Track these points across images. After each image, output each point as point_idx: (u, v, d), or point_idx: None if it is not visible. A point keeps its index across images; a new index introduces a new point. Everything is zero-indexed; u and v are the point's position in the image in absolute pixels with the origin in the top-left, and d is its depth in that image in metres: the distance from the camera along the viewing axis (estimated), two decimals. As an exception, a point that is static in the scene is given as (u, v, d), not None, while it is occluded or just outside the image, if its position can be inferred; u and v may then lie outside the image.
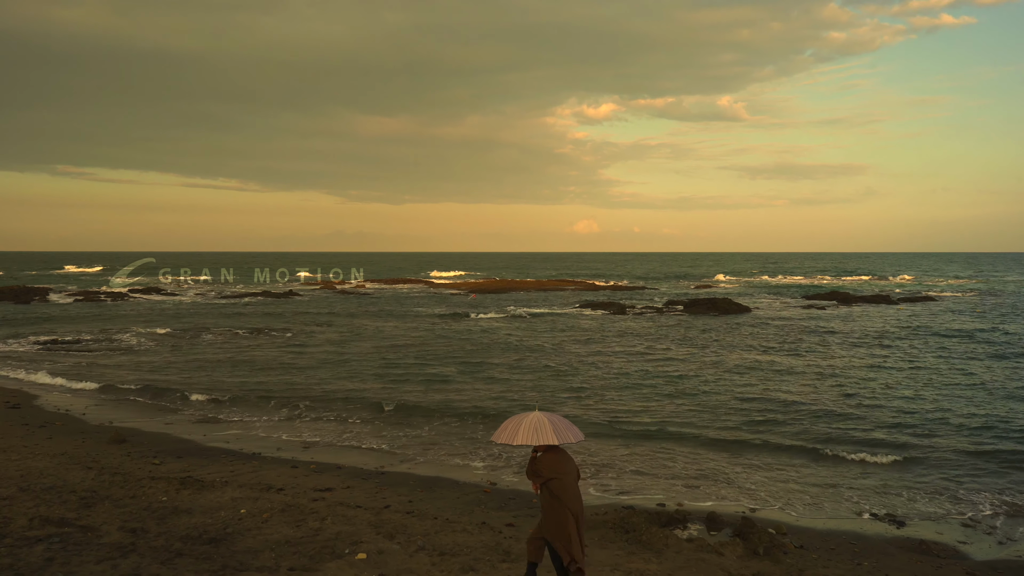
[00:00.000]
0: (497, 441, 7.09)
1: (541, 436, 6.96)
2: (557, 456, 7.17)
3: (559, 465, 7.09)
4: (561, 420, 7.27)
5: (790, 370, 25.91)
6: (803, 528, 11.45)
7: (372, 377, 24.68)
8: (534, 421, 7.05)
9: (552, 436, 6.98)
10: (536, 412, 7.19)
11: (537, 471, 7.14)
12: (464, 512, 11.37)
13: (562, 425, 7.15)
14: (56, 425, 16.87)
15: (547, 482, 7.09)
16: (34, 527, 9.22)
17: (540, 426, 6.98)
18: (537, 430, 6.97)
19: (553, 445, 7.10)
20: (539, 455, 7.20)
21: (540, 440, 6.93)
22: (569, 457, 7.34)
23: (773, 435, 17.16)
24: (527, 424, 7.03)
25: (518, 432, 7.05)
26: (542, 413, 7.20)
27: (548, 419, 7.10)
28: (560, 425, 7.14)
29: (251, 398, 21.12)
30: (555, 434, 7.01)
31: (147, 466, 13.35)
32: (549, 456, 7.14)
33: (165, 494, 11.17)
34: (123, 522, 9.58)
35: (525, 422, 7.06)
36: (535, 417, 7.09)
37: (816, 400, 20.76)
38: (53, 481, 11.61)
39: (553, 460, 7.13)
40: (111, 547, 8.64)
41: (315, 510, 10.69)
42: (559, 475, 7.04)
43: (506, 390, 22.38)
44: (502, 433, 7.15)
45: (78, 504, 10.36)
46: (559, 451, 7.23)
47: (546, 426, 6.99)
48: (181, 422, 18.23)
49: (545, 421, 7.05)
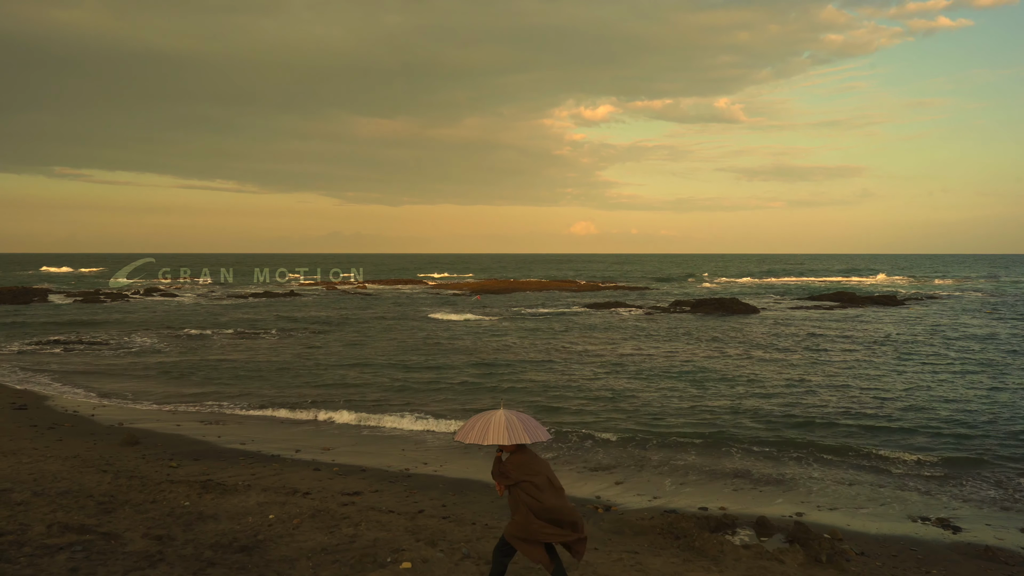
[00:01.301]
0: (465, 441, 6.62)
1: (514, 435, 6.54)
2: (526, 456, 6.70)
3: (529, 466, 6.66)
4: (528, 418, 6.83)
5: (819, 371, 25.40)
6: (857, 533, 10.93)
7: (387, 378, 24.13)
8: (503, 420, 6.62)
9: (524, 435, 6.55)
10: (502, 410, 6.76)
11: (505, 472, 6.70)
12: (502, 517, 10.81)
13: (531, 424, 6.74)
14: (65, 427, 16.28)
15: (517, 484, 6.65)
16: (53, 534, 8.65)
17: (511, 425, 6.58)
18: (509, 429, 6.56)
19: (521, 444, 6.68)
20: (505, 455, 6.78)
21: (514, 439, 6.51)
22: (539, 457, 6.89)
23: (811, 437, 16.62)
24: (496, 423, 6.60)
25: (488, 431, 6.56)
26: (508, 411, 6.77)
27: (517, 417, 6.70)
28: (529, 424, 6.72)
29: (263, 398, 20.56)
30: (526, 433, 6.59)
31: (164, 469, 12.79)
32: (518, 457, 6.70)
33: (187, 498, 10.60)
34: (147, 529, 9.02)
35: (494, 421, 6.62)
36: (502, 415, 6.67)
37: (851, 402, 20.24)
38: (68, 485, 11.04)
39: (522, 461, 6.68)
40: (138, 556, 8.08)
41: (346, 515, 10.14)
42: (530, 476, 6.61)
43: (525, 390, 21.85)
44: (469, 432, 6.67)
45: (97, 510, 9.80)
46: (527, 451, 6.79)
47: (516, 425, 6.59)
48: (191, 422, 17.66)
49: (515, 419, 6.65)
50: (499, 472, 6.76)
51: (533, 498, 6.59)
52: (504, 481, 6.70)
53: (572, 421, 17.98)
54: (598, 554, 9.11)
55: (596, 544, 9.77)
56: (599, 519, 11.16)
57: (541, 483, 6.63)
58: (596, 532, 10.48)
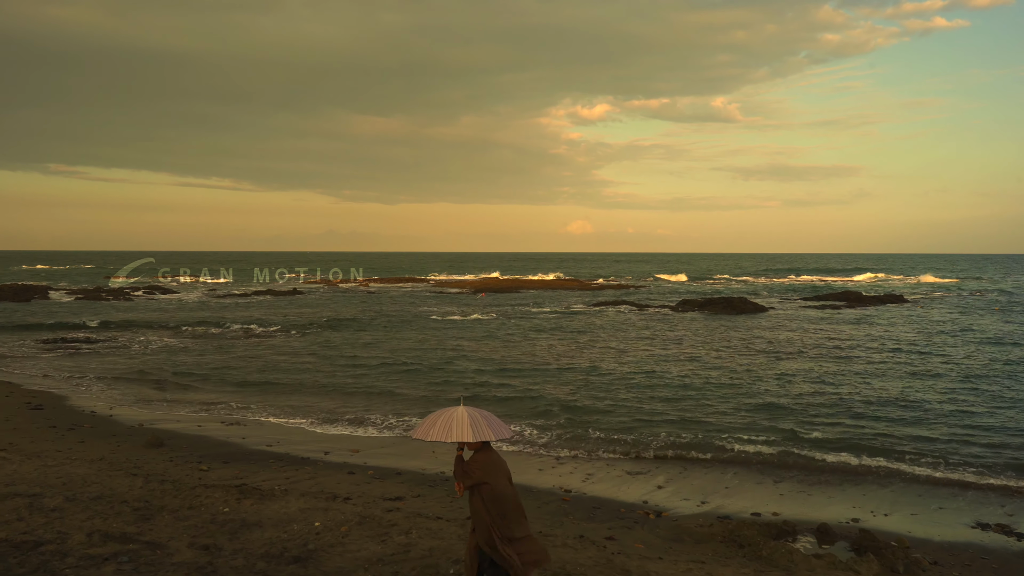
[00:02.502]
0: (426, 439, 6.25)
1: (478, 432, 6.20)
2: (488, 456, 6.36)
3: (492, 466, 6.31)
4: (491, 416, 6.51)
5: (848, 371, 25.01)
6: (921, 540, 10.53)
7: (401, 377, 23.70)
8: (465, 417, 6.28)
9: (488, 432, 6.24)
10: (462, 407, 6.41)
11: (467, 472, 6.32)
12: (554, 524, 10.41)
13: (494, 421, 6.43)
14: (85, 427, 15.82)
15: (477, 485, 6.29)
16: (95, 543, 8.21)
17: (475, 422, 6.25)
18: (473, 426, 6.22)
19: (484, 443, 6.37)
20: (468, 454, 6.47)
21: (478, 436, 6.18)
22: (500, 456, 6.53)
23: (850, 439, 16.22)
24: (459, 419, 6.26)
25: (451, 428, 6.20)
26: (468, 408, 6.43)
27: (480, 414, 6.37)
28: (492, 421, 6.42)
29: (282, 398, 20.12)
30: (490, 430, 6.27)
31: (195, 472, 12.33)
32: (481, 456, 6.36)
33: (226, 504, 10.15)
34: (192, 537, 8.57)
35: (456, 418, 6.28)
36: (464, 412, 6.33)
37: (885, 403, 19.83)
38: (99, 490, 10.59)
39: (485, 460, 6.33)
40: (187, 567, 7.64)
41: (394, 522, 9.71)
42: (490, 478, 6.27)
43: (547, 394, 21.44)
44: (429, 429, 6.29)
45: (135, 516, 9.35)
46: (490, 450, 6.43)
47: (480, 422, 6.27)
48: (213, 423, 17.21)
49: (478, 416, 6.32)
50: (461, 472, 6.38)
51: (495, 500, 6.26)
52: (466, 481, 6.34)
53: (605, 423, 17.56)
54: (663, 563, 8.70)
55: (659, 552, 9.37)
56: (653, 525, 10.75)
57: (502, 485, 6.32)
58: (653, 539, 10.08)
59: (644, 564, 8.49)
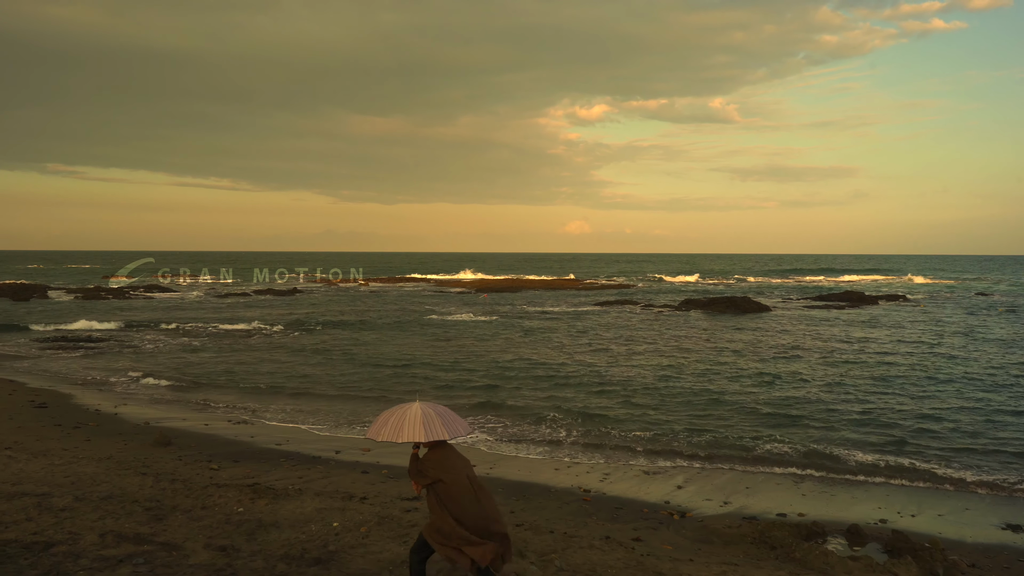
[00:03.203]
0: (377, 439, 6.03)
1: (431, 431, 5.93)
2: (444, 453, 6.11)
3: (447, 463, 6.05)
4: (447, 412, 6.26)
5: (861, 371, 24.76)
6: (954, 542, 10.25)
7: (411, 378, 23.41)
8: (419, 414, 6.03)
9: (442, 430, 5.97)
10: (417, 403, 6.18)
11: (422, 471, 6.08)
12: (578, 524, 10.12)
13: (449, 417, 6.17)
14: (91, 426, 15.52)
15: (433, 484, 6.05)
16: (108, 544, 7.91)
17: (428, 419, 5.99)
18: (426, 424, 5.96)
19: (440, 440, 6.08)
20: (422, 452, 6.24)
21: (431, 435, 5.92)
22: (458, 453, 6.26)
23: (868, 438, 15.99)
24: (411, 417, 6.01)
25: (402, 428, 5.96)
26: (424, 404, 6.20)
27: (434, 411, 6.11)
28: (448, 417, 6.15)
29: (290, 397, 19.83)
30: (445, 428, 6.01)
31: (205, 471, 12.03)
32: (436, 453, 6.11)
33: (239, 504, 9.86)
34: (208, 538, 8.28)
35: (409, 415, 6.03)
36: (418, 409, 6.08)
37: (902, 405, 19.58)
38: (109, 489, 10.29)
39: (440, 458, 6.07)
40: (205, 569, 7.35)
41: (414, 523, 9.42)
42: (447, 476, 6.02)
43: (559, 394, 21.16)
44: (382, 428, 6.06)
45: (147, 517, 9.05)
46: (446, 447, 6.16)
47: (434, 419, 6.01)
48: (220, 421, 16.91)
49: (432, 413, 6.06)
50: (415, 470, 6.15)
51: (452, 499, 6.02)
52: (421, 480, 6.11)
53: (619, 424, 17.30)
54: (694, 566, 8.42)
55: (689, 554, 9.09)
56: (679, 526, 10.47)
57: (460, 483, 6.06)
58: (681, 540, 9.81)
59: (676, 566, 8.21)
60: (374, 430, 6.11)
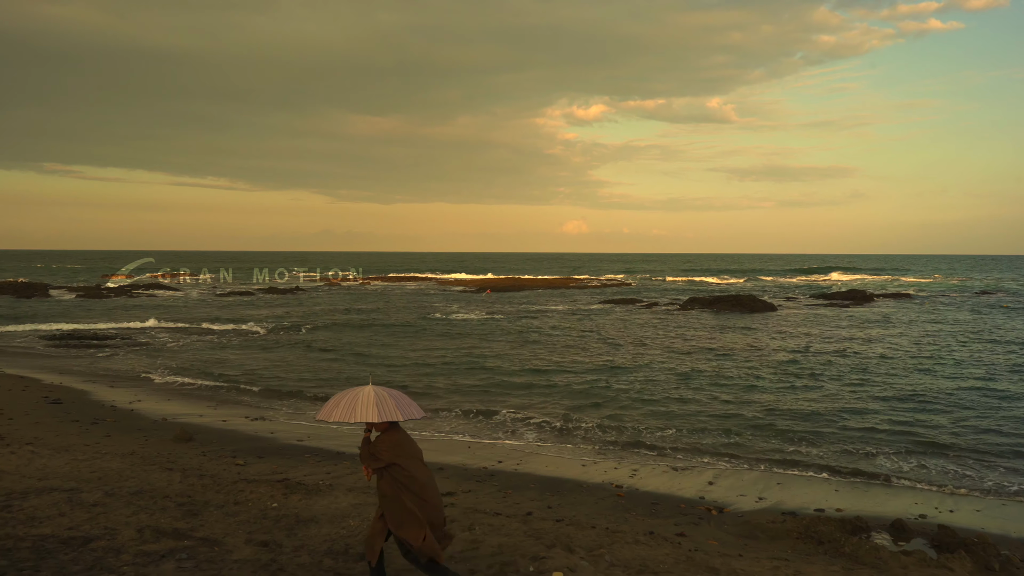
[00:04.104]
0: (328, 420, 5.88)
1: (383, 412, 5.83)
2: (397, 436, 6.00)
3: (401, 447, 5.96)
4: (400, 395, 6.16)
5: (881, 366, 24.61)
6: (998, 536, 10.05)
7: (427, 375, 23.22)
8: (371, 395, 5.93)
9: (395, 411, 5.87)
10: (370, 386, 6.07)
11: (375, 454, 5.95)
12: (618, 520, 9.93)
13: (403, 400, 6.10)
14: (108, 421, 15.29)
15: (387, 468, 5.93)
16: (147, 540, 7.71)
17: (381, 401, 5.89)
18: (378, 405, 5.86)
19: (393, 423, 6.01)
20: (375, 435, 6.11)
21: (384, 416, 5.81)
22: (410, 438, 6.16)
23: (899, 437, 15.81)
24: (364, 399, 5.91)
25: (355, 408, 5.84)
26: (378, 387, 6.08)
27: (388, 393, 6.03)
28: (402, 400, 6.07)
29: (305, 394, 19.62)
30: (398, 409, 5.91)
31: (231, 467, 11.83)
32: (389, 437, 5.99)
33: (272, 499, 9.66)
34: (247, 534, 8.08)
35: (361, 396, 5.94)
36: (371, 391, 5.98)
37: (927, 402, 19.40)
38: (138, 484, 10.08)
39: (393, 441, 5.96)
40: (251, 564, 7.15)
41: (452, 517, 9.22)
42: (401, 460, 5.92)
43: (580, 392, 20.98)
44: (333, 410, 5.92)
45: (181, 512, 8.84)
46: (399, 430, 6.05)
47: (387, 401, 5.91)
48: (237, 418, 16.68)
49: (385, 395, 5.97)
50: (368, 454, 6.02)
51: (414, 481, 5.92)
52: (373, 464, 5.99)
53: (640, 420, 17.12)
54: (744, 561, 8.23)
55: (735, 549, 8.90)
56: (720, 521, 10.29)
57: (415, 467, 5.97)
58: (725, 536, 9.62)
59: (727, 562, 8.02)
60: (325, 411, 5.99)
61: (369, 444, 6.07)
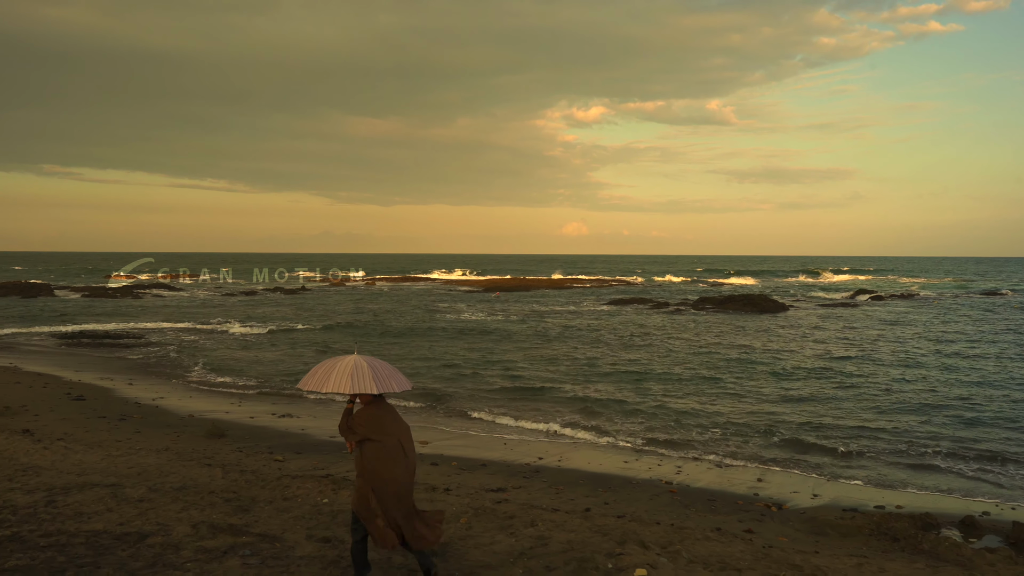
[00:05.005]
0: (304, 388, 5.78)
1: (358, 383, 5.63)
2: (378, 411, 5.79)
3: (379, 422, 5.74)
4: (384, 366, 5.96)
5: (914, 364, 24.30)
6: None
7: (453, 376, 22.89)
8: (350, 365, 5.75)
9: (371, 383, 5.64)
10: (355, 355, 5.90)
11: (352, 426, 5.76)
12: (680, 516, 9.59)
13: (384, 372, 5.86)
14: (135, 418, 14.94)
15: (362, 442, 5.69)
16: (204, 535, 7.37)
17: (358, 371, 5.70)
18: (354, 376, 5.67)
19: (376, 397, 5.80)
20: (356, 408, 5.93)
21: (357, 387, 5.60)
22: (396, 414, 5.89)
23: (931, 429, 15.50)
24: (341, 368, 5.74)
25: (329, 377, 5.68)
26: (361, 356, 5.89)
27: (368, 363, 5.81)
28: (382, 372, 5.84)
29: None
30: (375, 381, 5.67)
31: (271, 463, 11.48)
32: (368, 410, 5.80)
33: (322, 495, 9.31)
34: (307, 530, 7.73)
35: (340, 366, 5.77)
36: (352, 361, 5.80)
37: (964, 401, 19.12)
38: (180, 480, 9.74)
39: (372, 415, 5.75)
40: (318, 560, 6.81)
41: (511, 514, 8.87)
42: (376, 435, 5.67)
43: (610, 395, 20.65)
44: (310, 379, 5.80)
45: (231, 508, 8.50)
46: (382, 404, 5.84)
47: (364, 372, 5.71)
48: (264, 415, 16.32)
49: (364, 365, 5.76)
50: (346, 426, 5.77)
51: (379, 459, 5.66)
52: (350, 437, 5.76)
53: (673, 419, 16.80)
54: (823, 558, 7.88)
55: (806, 546, 8.57)
56: (783, 517, 9.96)
57: (389, 446, 5.70)
58: (793, 532, 9.29)
59: (807, 559, 7.68)
60: (304, 380, 5.82)
61: (348, 416, 5.84)
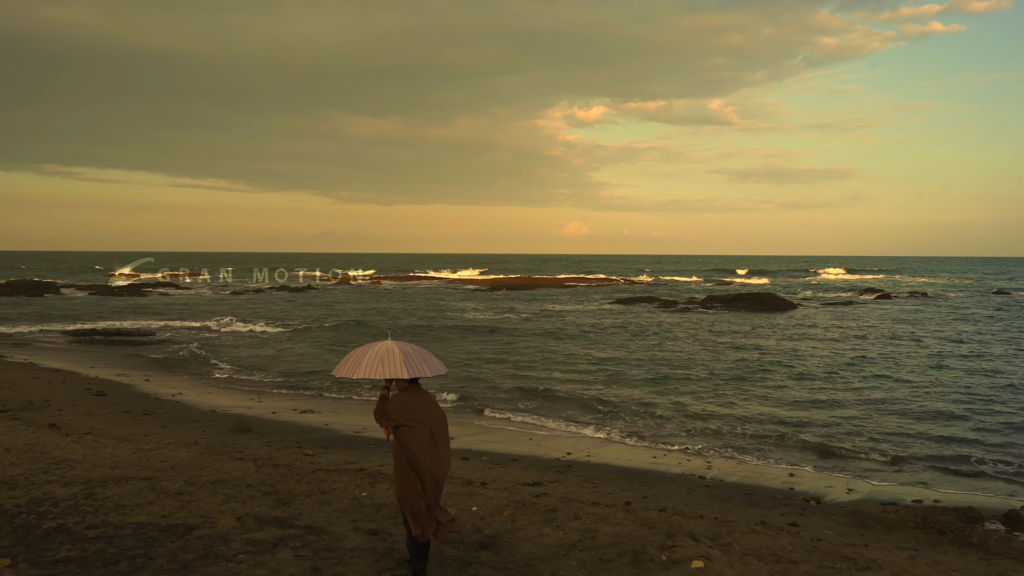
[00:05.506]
0: (336, 375, 5.74)
1: (388, 367, 5.59)
2: (415, 397, 5.77)
3: (415, 409, 5.72)
4: (417, 350, 5.91)
5: (942, 361, 24.21)
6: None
7: (479, 374, 22.80)
8: (382, 350, 5.73)
9: (401, 368, 5.60)
10: (388, 341, 5.89)
11: (386, 412, 5.72)
12: (721, 510, 9.49)
13: (417, 357, 5.82)
14: (159, 413, 14.86)
15: (398, 428, 5.70)
16: (251, 528, 7.28)
17: (389, 356, 5.67)
18: (384, 361, 5.63)
19: (412, 382, 5.80)
20: (391, 393, 5.91)
21: (386, 372, 5.56)
22: (431, 403, 5.84)
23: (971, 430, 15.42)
24: (373, 354, 5.72)
25: (361, 363, 5.66)
26: (394, 342, 5.88)
27: (400, 348, 5.79)
28: (415, 356, 5.80)
29: (341, 386, 19.20)
30: (406, 366, 5.62)
31: (301, 457, 11.39)
32: (404, 396, 5.77)
33: (359, 488, 9.22)
34: (352, 523, 7.64)
35: (372, 352, 5.76)
36: (385, 346, 5.78)
37: (987, 399, 19.03)
38: (215, 474, 9.65)
39: (408, 401, 5.72)
40: (369, 552, 6.72)
41: (552, 507, 8.77)
42: (411, 421, 5.63)
43: (629, 395, 20.54)
44: (343, 366, 5.79)
45: (272, 501, 8.40)
46: (418, 391, 5.83)
47: (396, 356, 5.68)
48: (285, 410, 16.24)
49: (396, 350, 5.74)
50: (380, 411, 5.73)
51: (414, 445, 5.64)
52: (384, 422, 5.76)
53: (697, 413, 16.71)
54: (872, 551, 7.78)
55: (852, 539, 8.48)
56: (826, 511, 9.86)
57: (420, 433, 5.67)
58: (837, 526, 9.19)
59: (859, 551, 7.58)
60: (338, 367, 5.80)
61: (384, 402, 5.79)
